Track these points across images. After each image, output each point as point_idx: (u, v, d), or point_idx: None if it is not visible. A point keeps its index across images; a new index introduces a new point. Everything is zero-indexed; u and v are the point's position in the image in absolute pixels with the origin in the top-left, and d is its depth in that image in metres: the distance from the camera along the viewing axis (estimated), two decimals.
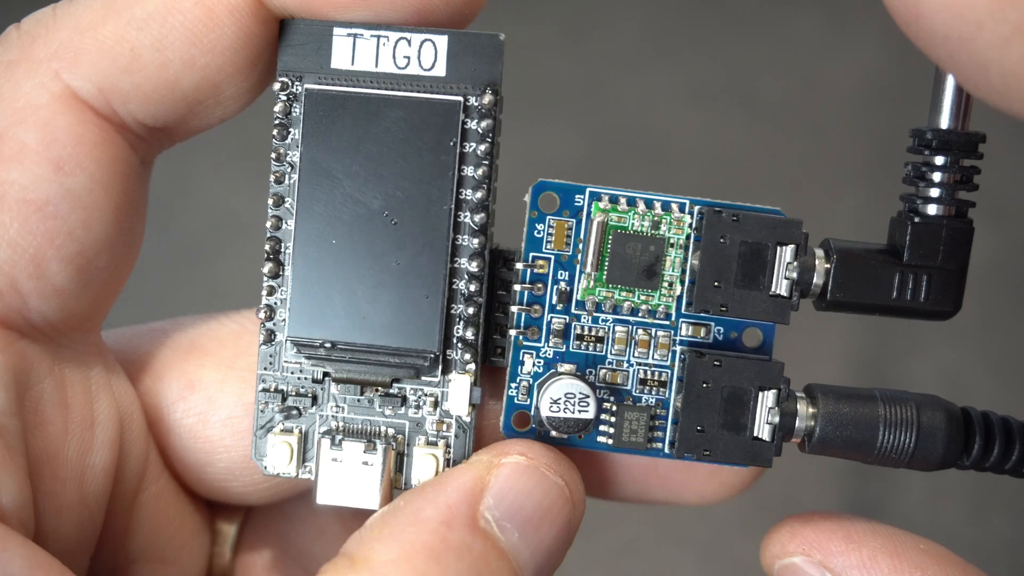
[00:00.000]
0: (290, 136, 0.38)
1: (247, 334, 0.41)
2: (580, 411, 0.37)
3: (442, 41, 0.37)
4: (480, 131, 0.37)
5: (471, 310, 0.38)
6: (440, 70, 0.37)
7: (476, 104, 0.37)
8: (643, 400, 0.39)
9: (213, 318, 0.42)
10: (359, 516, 0.38)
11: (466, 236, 0.38)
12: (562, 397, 0.37)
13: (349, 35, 0.37)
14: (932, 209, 0.38)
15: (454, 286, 0.38)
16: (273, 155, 0.38)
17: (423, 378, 0.38)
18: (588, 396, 0.37)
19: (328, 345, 0.37)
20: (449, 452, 0.39)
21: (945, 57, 0.29)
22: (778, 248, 0.37)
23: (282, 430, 0.39)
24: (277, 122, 0.38)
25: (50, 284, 0.34)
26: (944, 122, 0.38)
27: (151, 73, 0.34)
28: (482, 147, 0.37)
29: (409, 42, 0.37)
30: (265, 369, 0.39)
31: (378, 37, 0.37)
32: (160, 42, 0.34)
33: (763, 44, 1.28)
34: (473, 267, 0.38)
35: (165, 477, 0.41)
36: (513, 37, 0.37)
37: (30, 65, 0.34)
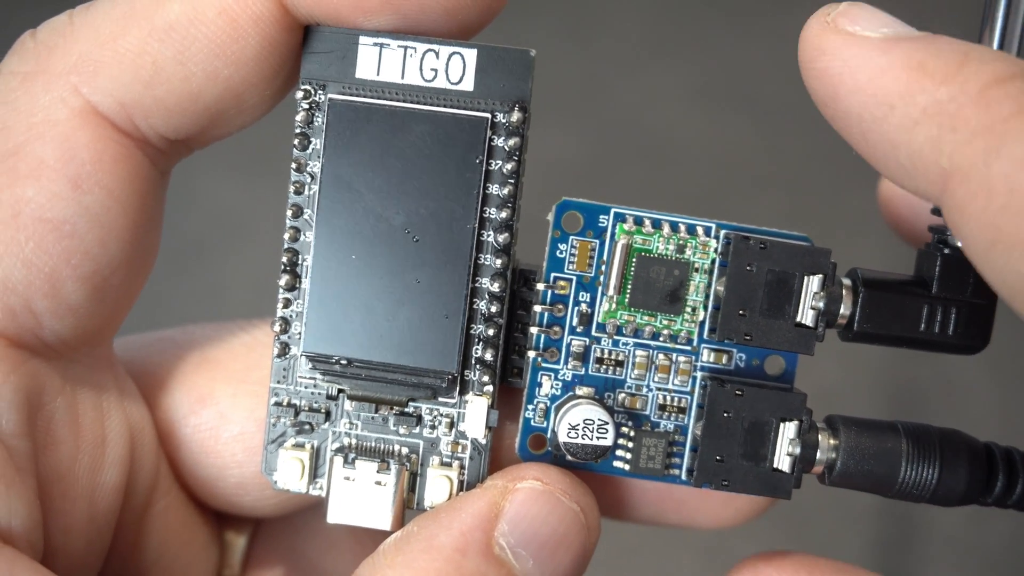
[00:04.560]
0: (311, 146, 0.37)
1: (260, 346, 0.40)
2: (598, 438, 0.37)
3: (471, 55, 0.36)
4: (507, 149, 0.36)
5: (491, 331, 0.37)
6: (468, 85, 0.36)
7: (504, 121, 0.36)
8: (661, 426, 0.38)
9: (224, 328, 0.41)
10: (371, 531, 0.37)
11: (489, 255, 0.37)
12: (580, 423, 0.37)
13: (375, 44, 0.36)
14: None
15: (474, 306, 0.37)
16: (293, 165, 0.37)
17: (440, 399, 0.38)
18: (607, 423, 0.37)
19: (344, 362, 0.37)
20: (463, 474, 0.38)
21: (859, 137, 0.31)
22: (805, 277, 0.37)
23: (294, 445, 0.38)
24: (298, 131, 0.37)
25: (65, 303, 0.34)
26: None
27: (173, 87, 0.33)
28: (508, 165, 0.36)
29: (437, 54, 0.36)
30: (278, 383, 0.38)
31: (405, 48, 0.36)
32: (182, 54, 0.33)
33: (763, 44, 1.27)
34: (495, 287, 0.37)
35: (175, 491, 0.40)
36: (513, 38, 0.36)
37: (48, 78, 0.33)
